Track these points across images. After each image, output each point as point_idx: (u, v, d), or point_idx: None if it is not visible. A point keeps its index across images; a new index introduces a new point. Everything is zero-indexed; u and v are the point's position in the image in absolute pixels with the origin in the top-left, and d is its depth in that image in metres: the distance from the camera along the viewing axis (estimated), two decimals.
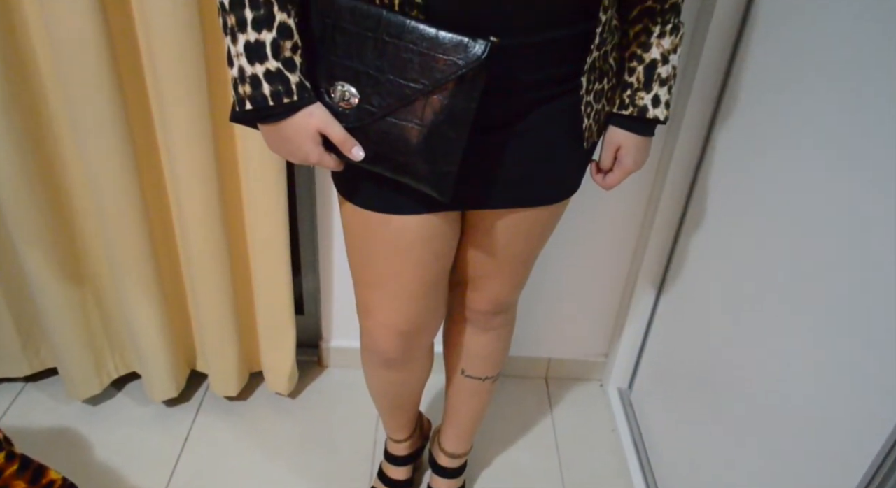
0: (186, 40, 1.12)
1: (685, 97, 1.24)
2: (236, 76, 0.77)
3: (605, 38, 0.84)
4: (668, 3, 0.88)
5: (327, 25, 0.80)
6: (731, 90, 1.18)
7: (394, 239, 0.93)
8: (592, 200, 1.45)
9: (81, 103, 1.15)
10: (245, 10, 0.75)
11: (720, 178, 1.22)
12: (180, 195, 1.30)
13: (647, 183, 1.43)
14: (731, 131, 1.18)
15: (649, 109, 0.91)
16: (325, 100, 0.82)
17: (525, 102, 0.85)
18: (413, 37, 0.76)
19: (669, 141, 1.32)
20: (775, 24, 1.05)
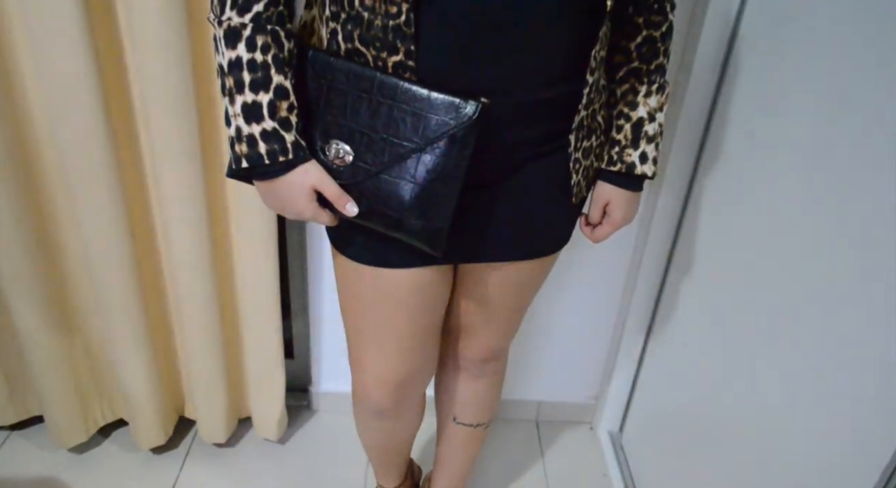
0: (180, 100, 1.14)
1: (667, 148, 1.27)
2: (233, 135, 0.79)
3: (592, 98, 0.87)
4: (654, 64, 0.91)
5: (323, 86, 0.82)
6: (712, 141, 1.22)
7: (386, 292, 0.94)
8: (581, 247, 1.47)
9: (74, 158, 1.17)
10: (243, 72, 0.77)
11: (704, 225, 1.24)
12: (170, 241, 1.30)
13: (633, 230, 1.45)
14: (713, 180, 1.21)
15: (637, 166, 0.93)
16: (319, 157, 0.83)
17: (515, 159, 0.87)
18: (406, 97, 0.78)
19: (654, 189, 1.35)
20: (752, 79, 1.08)
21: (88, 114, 1.13)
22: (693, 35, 1.19)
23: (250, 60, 0.76)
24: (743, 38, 1.12)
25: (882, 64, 0.78)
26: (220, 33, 0.77)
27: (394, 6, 0.74)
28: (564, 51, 0.80)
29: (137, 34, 1.09)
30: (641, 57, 0.91)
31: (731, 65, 1.16)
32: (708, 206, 1.23)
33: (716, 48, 1.16)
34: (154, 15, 1.06)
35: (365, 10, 0.76)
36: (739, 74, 1.13)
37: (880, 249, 0.76)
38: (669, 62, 0.95)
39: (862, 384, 0.78)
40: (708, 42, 1.15)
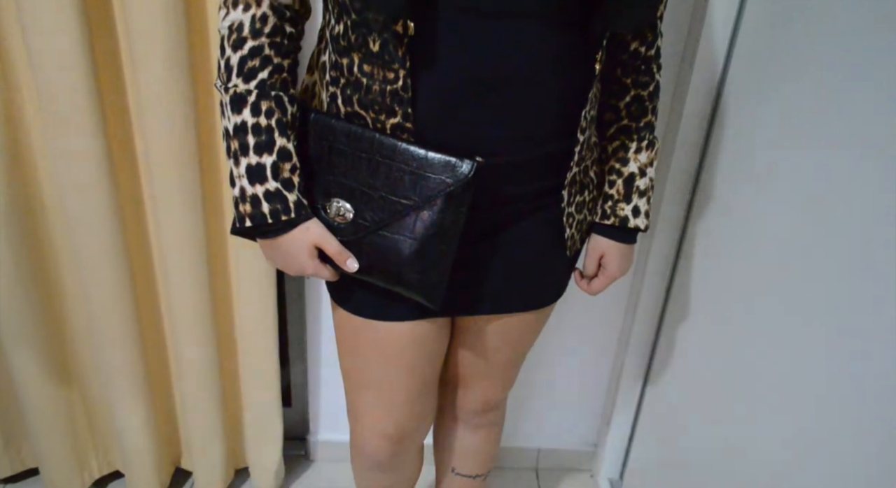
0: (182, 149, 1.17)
1: (659, 196, 1.31)
2: (238, 196, 0.81)
3: (584, 155, 0.90)
4: (643, 121, 0.95)
5: (324, 146, 0.85)
6: (702, 189, 1.25)
7: (385, 345, 0.95)
8: (577, 294, 1.49)
9: (76, 205, 1.19)
10: (248, 136, 0.79)
11: (697, 271, 1.27)
12: (170, 289, 1.32)
13: (628, 277, 1.47)
14: (705, 227, 1.24)
15: (630, 219, 0.96)
16: (321, 215, 0.86)
17: (509, 214, 0.90)
18: (404, 157, 0.81)
19: (647, 237, 1.38)
20: (738, 131, 1.12)
21: (91, 162, 1.15)
22: (681, 91, 1.24)
23: (255, 124, 0.79)
24: (729, 94, 1.17)
25: (870, 118, 0.81)
26: (226, 99, 0.80)
27: (391, 72, 0.77)
28: (556, 111, 0.83)
29: (143, 90, 1.12)
30: (631, 115, 0.94)
31: (718, 117, 1.20)
32: (701, 252, 1.26)
33: (703, 102, 1.20)
34: (159, 73, 1.10)
35: (364, 76, 0.79)
36: (726, 127, 1.17)
37: (878, 286, 0.77)
38: (658, 118, 0.98)
39: (867, 425, 0.79)
40: (696, 96, 1.19)
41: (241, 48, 0.79)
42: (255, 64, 0.79)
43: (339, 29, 0.80)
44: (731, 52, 1.16)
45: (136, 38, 1.09)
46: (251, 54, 0.79)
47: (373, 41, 0.76)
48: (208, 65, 1.19)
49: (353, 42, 0.79)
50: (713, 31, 1.16)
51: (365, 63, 0.79)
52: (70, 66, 1.07)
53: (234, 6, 0.79)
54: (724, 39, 1.16)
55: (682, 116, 1.21)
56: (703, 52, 1.17)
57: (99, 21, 1.12)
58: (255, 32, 0.79)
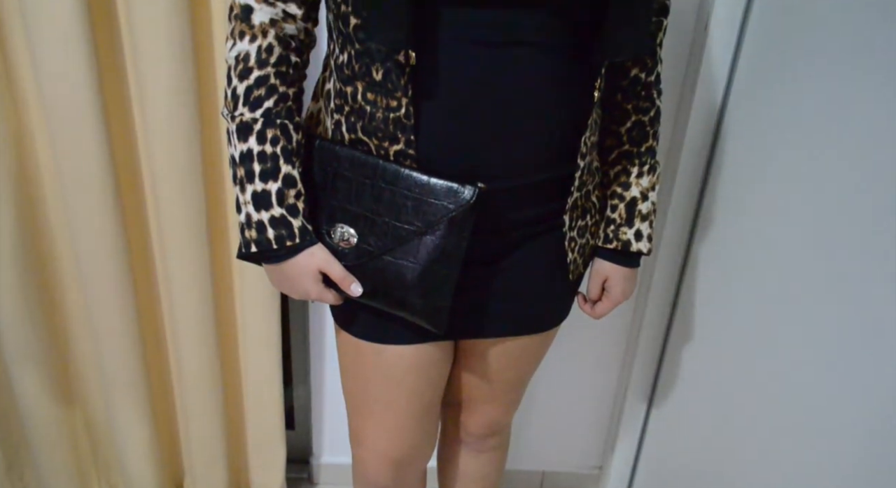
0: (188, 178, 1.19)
1: (662, 219, 1.31)
2: (243, 222, 0.82)
3: (585, 180, 0.91)
4: (644, 146, 0.96)
5: (328, 173, 0.86)
6: (705, 213, 1.25)
7: (388, 368, 0.95)
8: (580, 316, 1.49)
9: (84, 234, 1.20)
10: (254, 163, 0.81)
11: (701, 292, 1.27)
12: (174, 312, 1.33)
13: (632, 298, 1.47)
14: (707, 249, 1.24)
15: (633, 243, 0.96)
16: (325, 240, 0.86)
17: (512, 239, 0.91)
18: (407, 183, 0.82)
19: (650, 259, 1.38)
20: (740, 153, 1.13)
21: (97, 186, 1.17)
22: (683, 116, 1.25)
23: (261, 152, 0.81)
24: (730, 118, 1.18)
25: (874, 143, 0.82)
26: (232, 127, 0.81)
27: (394, 100, 0.78)
28: (556, 137, 0.84)
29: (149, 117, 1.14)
30: (632, 140, 0.95)
31: (720, 141, 1.21)
32: (704, 275, 1.26)
33: (705, 127, 1.21)
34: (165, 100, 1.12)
35: (367, 104, 0.81)
36: (727, 151, 1.18)
37: (877, 309, 0.78)
38: (659, 142, 0.99)
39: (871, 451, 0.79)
40: (698, 120, 1.21)
41: (247, 78, 0.80)
42: (260, 93, 0.81)
43: (344, 58, 0.81)
44: (731, 77, 1.18)
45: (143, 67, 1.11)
46: (257, 84, 0.81)
47: (376, 70, 0.78)
48: (215, 93, 1.20)
49: (356, 71, 0.80)
50: (713, 56, 1.17)
51: (368, 91, 0.80)
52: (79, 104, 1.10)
53: (240, 37, 0.80)
54: (725, 64, 1.17)
55: (685, 141, 1.22)
56: (704, 76, 1.19)
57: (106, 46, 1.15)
58: (261, 63, 0.80)
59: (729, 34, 1.16)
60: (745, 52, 1.15)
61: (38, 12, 1.04)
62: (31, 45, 1.06)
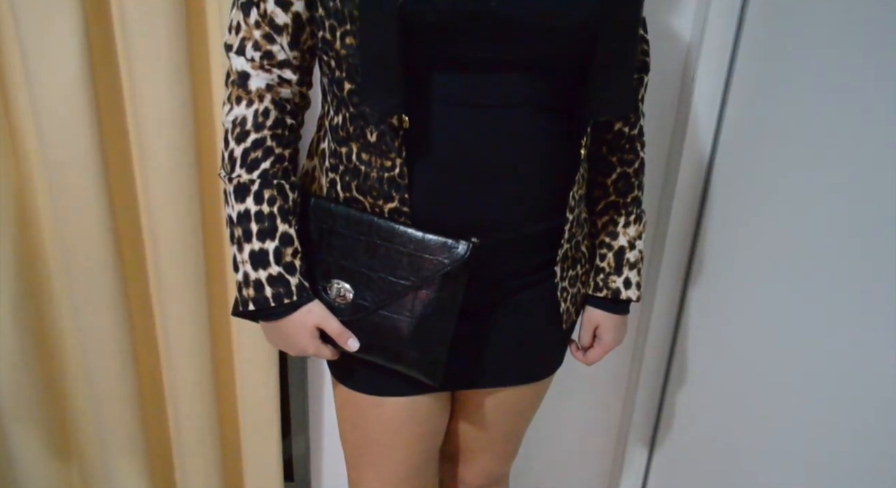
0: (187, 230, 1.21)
1: (657, 262, 1.33)
2: (241, 280, 0.84)
3: (574, 232, 0.93)
4: (630, 197, 0.98)
5: (324, 230, 0.88)
6: (699, 256, 1.28)
7: (386, 420, 0.96)
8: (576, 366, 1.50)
9: (83, 282, 1.22)
10: (251, 223, 0.83)
11: (698, 333, 1.28)
12: (172, 364, 1.33)
13: (629, 342, 1.48)
14: (703, 291, 1.26)
15: (622, 291, 0.98)
16: (321, 296, 0.88)
17: (505, 290, 0.92)
18: (402, 240, 0.84)
19: (647, 299, 1.40)
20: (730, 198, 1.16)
21: (97, 243, 1.19)
22: (673, 164, 1.28)
23: (258, 212, 0.83)
24: (719, 165, 1.21)
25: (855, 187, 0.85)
26: (230, 188, 0.84)
27: (388, 161, 0.81)
28: (545, 193, 0.87)
29: (150, 174, 1.17)
30: (618, 191, 0.98)
31: (710, 188, 1.24)
32: (698, 318, 1.28)
33: (694, 176, 1.24)
34: (165, 159, 1.15)
35: (362, 164, 0.83)
36: (717, 200, 1.21)
37: (875, 347, 0.79)
38: (645, 192, 1.02)
39: None
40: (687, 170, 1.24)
41: (244, 141, 0.83)
42: (257, 155, 0.83)
43: (338, 120, 0.84)
44: (719, 127, 1.21)
45: (145, 129, 1.14)
46: (254, 146, 0.83)
47: (370, 132, 0.81)
48: (214, 154, 1.24)
49: (351, 133, 0.83)
50: (700, 106, 1.21)
51: (363, 152, 0.83)
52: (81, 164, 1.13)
53: (237, 102, 0.83)
54: (713, 114, 1.21)
55: (675, 189, 1.25)
56: (693, 126, 1.22)
57: (108, 106, 1.18)
58: (258, 126, 0.83)
59: (715, 85, 1.19)
60: (731, 102, 1.18)
61: (43, 74, 1.07)
62: (35, 106, 1.10)
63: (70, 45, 1.06)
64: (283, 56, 0.83)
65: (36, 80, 1.08)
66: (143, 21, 1.08)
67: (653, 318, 1.38)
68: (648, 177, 1.14)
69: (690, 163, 1.24)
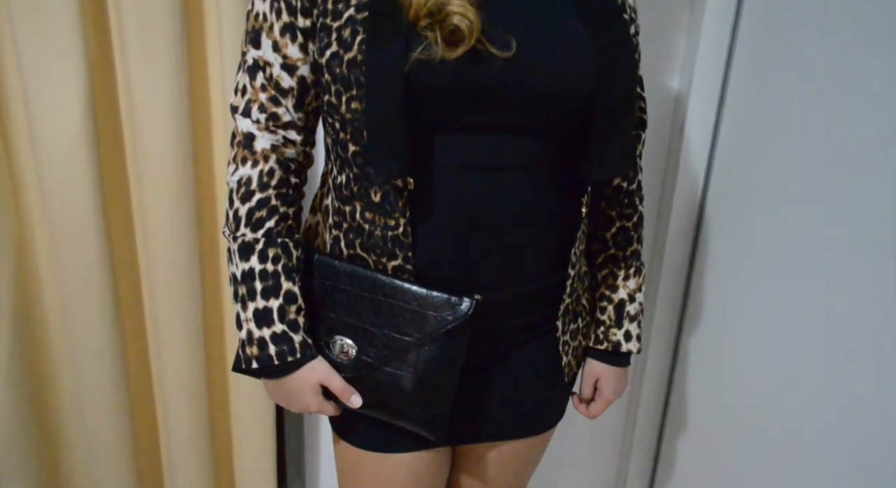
0: (186, 285, 1.22)
1: (651, 311, 1.34)
2: (244, 338, 0.84)
3: (575, 287, 0.94)
4: (629, 250, 1.00)
5: (327, 286, 0.88)
6: (693, 300, 1.29)
7: (388, 475, 0.95)
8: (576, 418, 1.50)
9: (82, 341, 1.21)
10: (255, 281, 0.83)
11: (693, 382, 1.29)
12: (168, 415, 1.32)
13: (625, 397, 1.49)
14: (697, 337, 1.27)
15: (622, 344, 0.99)
16: (325, 352, 0.88)
17: (507, 345, 0.93)
18: (406, 297, 0.84)
19: (642, 349, 1.41)
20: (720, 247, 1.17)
21: (95, 299, 1.19)
22: (664, 213, 1.30)
23: (262, 270, 0.83)
24: (709, 214, 1.23)
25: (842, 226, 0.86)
26: (234, 247, 0.84)
27: (392, 220, 0.82)
28: (547, 250, 0.88)
29: (151, 235, 1.18)
30: (617, 245, 1.00)
31: (702, 236, 1.25)
32: (695, 362, 1.28)
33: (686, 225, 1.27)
34: (166, 217, 1.16)
35: (366, 223, 0.84)
36: (709, 248, 1.22)
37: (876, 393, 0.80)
38: (643, 244, 1.03)
39: None
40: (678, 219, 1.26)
41: (249, 200, 0.84)
42: (262, 214, 0.84)
43: (342, 179, 0.85)
44: (708, 176, 1.24)
45: (146, 187, 1.15)
46: (259, 205, 0.84)
47: (374, 192, 0.82)
48: (214, 211, 1.25)
49: (355, 192, 0.84)
50: (690, 157, 1.24)
51: (367, 211, 0.84)
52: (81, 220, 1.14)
53: (243, 163, 0.84)
54: (702, 165, 1.24)
55: (667, 239, 1.27)
56: (683, 177, 1.25)
57: (110, 161, 1.19)
58: (263, 185, 0.84)
59: (703, 136, 1.22)
60: (719, 153, 1.21)
61: (46, 131, 1.09)
62: (38, 163, 1.11)
63: (75, 103, 1.08)
64: (287, 118, 0.84)
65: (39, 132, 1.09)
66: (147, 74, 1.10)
67: (648, 363, 1.39)
68: None
69: (682, 211, 1.26)
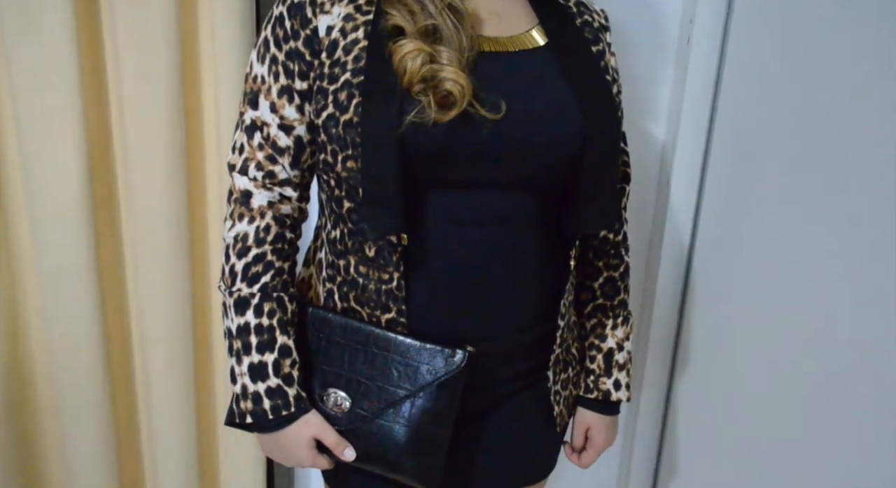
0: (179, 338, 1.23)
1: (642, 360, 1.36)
2: (239, 393, 0.85)
3: (565, 337, 0.96)
4: (617, 300, 1.02)
5: (321, 339, 0.90)
6: (683, 347, 1.31)
7: None
8: None
9: (70, 393, 1.21)
10: (250, 336, 0.84)
11: (686, 428, 1.30)
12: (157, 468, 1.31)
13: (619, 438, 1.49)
14: (688, 386, 1.29)
15: (612, 393, 1.00)
16: (318, 405, 0.89)
17: (499, 395, 0.94)
18: (399, 349, 0.85)
19: (634, 397, 1.42)
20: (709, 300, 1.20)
21: (86, 355, 1.19)
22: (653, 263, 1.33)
23: (257, 325, 0.84)
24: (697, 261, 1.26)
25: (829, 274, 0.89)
26: (230, 302, 0.86)
27: (386, 274, 0.84)
28: (538, 301, 0.90)
29: (143, 296, 1.19)
30: (605, 294, 1.02)
31: (690, 283, 1.28)
32: (685, 414, 1.30)
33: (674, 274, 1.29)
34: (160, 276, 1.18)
35: (360, 277, 0.86)
36: (697, 295, 1.25)
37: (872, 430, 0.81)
38: (630, 294, 1.06)
39: None
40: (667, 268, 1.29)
41: (245, 256, 0.86)
42: (258, 269, 0.86)
43: (336, 234, 0.88)
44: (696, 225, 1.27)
45: (140, 251, 1.17)
46: (255, 261, 0.86)
47: (368, 247, 0.84)
48: (208, 275, 1.27)
49: (349, 247, 0.86)
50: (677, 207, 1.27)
51: (361, 265, 0.85)
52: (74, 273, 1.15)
53: (239, 219, 0.86)
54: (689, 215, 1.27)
55: (657, 288, 1.30)
56: (671, 226, 1.28)
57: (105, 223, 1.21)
58: (259, 241, 0.86)
59: (690, 185, 1.26)
60: (706, 201, 1.25)
61: (42, 188, 1.11)
62: (32, 219, 1.12)
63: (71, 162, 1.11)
64: (284, 175, 0.86)
65: (35, 189, 1.11)
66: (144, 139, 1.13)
67: (641, 409, 1.40)
68: None
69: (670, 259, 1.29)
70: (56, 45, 1.06)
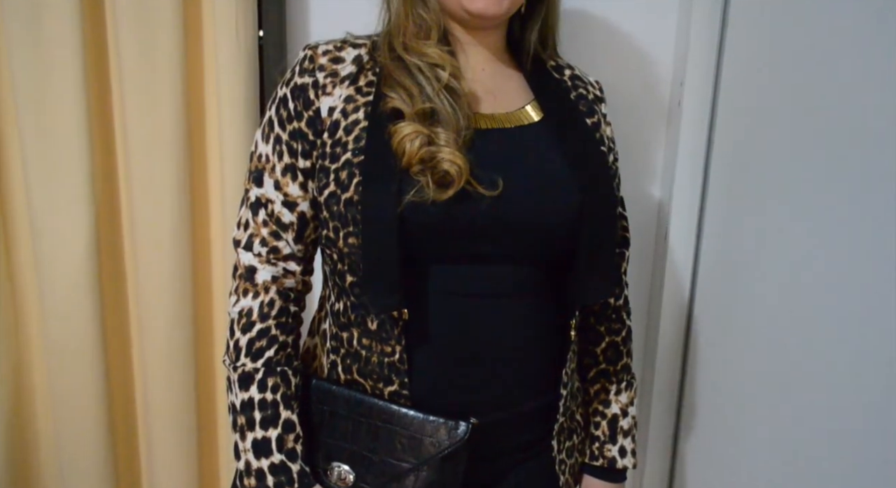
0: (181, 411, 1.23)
1: (646, 419, 1.35)
2: (242, 469, 0.84)
3: (568, 405, 0.96)
4: (620, 364, 1.02)
5: (325, 412, 0.90)
6: (687, 409, 1.30)
7: None
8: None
9: (75, 465, 1.20)
10: (254, 411, 0.85)
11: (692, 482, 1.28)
12: None
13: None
14: (693, 446, 1.27)
15: (618, 460, 1.00)
16: (322, 479, 0.88)
17: (504, 465, 0.93)
18: (402, 422, 0.86)
19: (639, 460, 1.40)
20: (711, 361, 1.20)
21: (92, 425, 1.19)
22: (653, 323, 1.33)
23: (261, 400, 0.85)
24: (697, 321, 1.27)
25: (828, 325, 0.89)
26: (234, 376, 0.86)
27: (388, 347, 0.85)
28: (540, 372, 0.91)
29: (148, 351, 1.19)
30: (607, 359, 1.02)
31: (691, 341, 1.28)
32: (693, 472, 1.28)
33: (675, 334, 1.30)
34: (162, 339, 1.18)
35: (363, 349, 0.87)
36: (699, 356, 1.25)
37: None
38: (633, 358, 1.06)
39: None
40: (667, 327, 1.29)
41: (249, 331, 0.87)
42: (262, 344, 0.86)
43: (340, 306, 0.89)
44: (694, 283, 1.28)
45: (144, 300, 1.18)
46: (259, 336, 0.87)
47: (371, 321, 0.85)
48: (214, 334, 1.29)
49: (352, 319, 0.87)
50: (676, 263, 1.28)
51: (364, 337, 0.86)
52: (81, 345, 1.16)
53: (244, 294, 0.88)
54: (687, 271, 1.28)
55: (658, 348, 1.30)
56: (669, 284, 1.29)
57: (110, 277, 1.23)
58: (263, 316, 0.87)
59: (687, 242, 1.27)
60: (703, 258, 1.26)
61: (50, 260, 1.13)
62: (40, 291, 1.14)
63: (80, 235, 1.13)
64: (288, 250, 0.88)
65: (43, 261, 1.13)
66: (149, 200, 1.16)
67: (646, 471, 1.38)
68: None
69: (670, 317, 1.30)
70: (68, 116, 1.11)
